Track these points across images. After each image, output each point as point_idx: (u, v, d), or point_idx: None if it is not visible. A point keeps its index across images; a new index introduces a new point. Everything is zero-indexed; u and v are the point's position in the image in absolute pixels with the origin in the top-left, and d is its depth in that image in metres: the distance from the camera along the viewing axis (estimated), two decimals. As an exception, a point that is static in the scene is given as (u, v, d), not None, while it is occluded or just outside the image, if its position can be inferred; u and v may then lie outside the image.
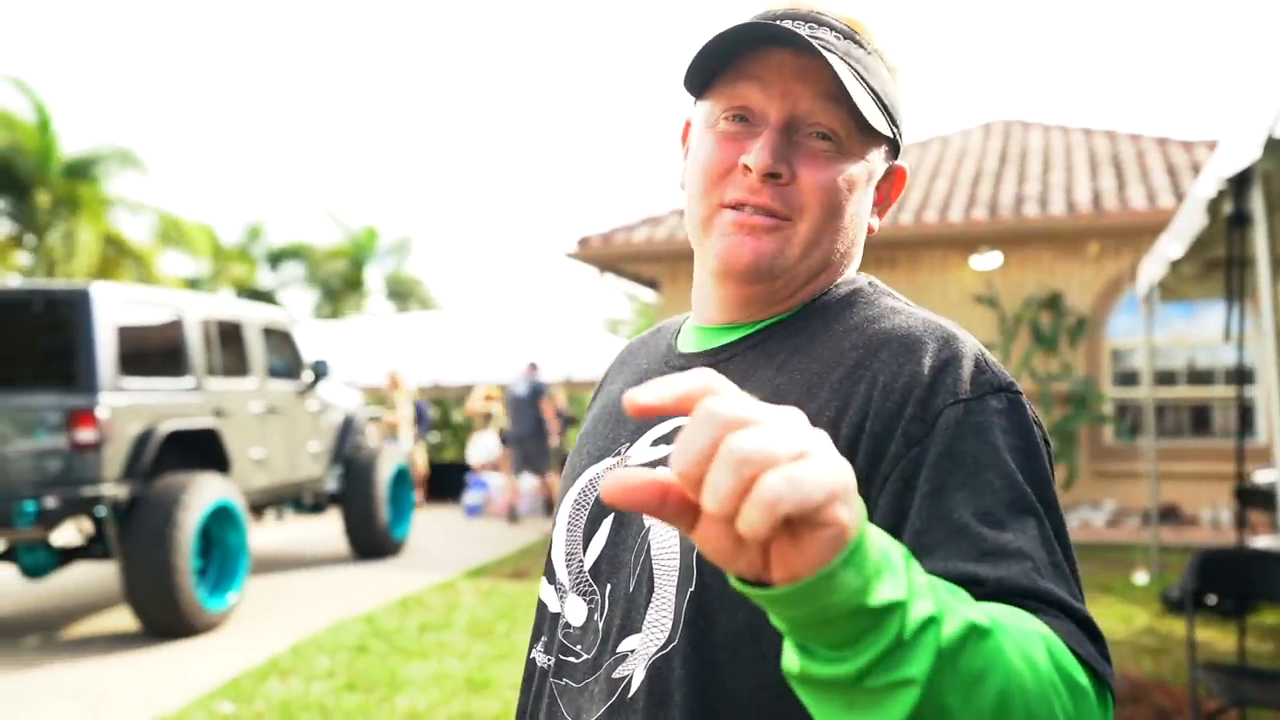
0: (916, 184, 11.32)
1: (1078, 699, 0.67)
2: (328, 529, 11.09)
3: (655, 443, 0.96)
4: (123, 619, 6.74)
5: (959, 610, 0.62)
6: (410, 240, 31.30)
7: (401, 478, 9.63)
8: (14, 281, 21.86)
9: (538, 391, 11.71)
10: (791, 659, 0.61)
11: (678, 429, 0.94)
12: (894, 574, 0.58)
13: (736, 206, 0.92)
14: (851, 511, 0.54)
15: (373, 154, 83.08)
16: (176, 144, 68.60)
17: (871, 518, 0.80)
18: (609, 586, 0.93)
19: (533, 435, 11.65)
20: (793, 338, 0.95)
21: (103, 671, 5.59)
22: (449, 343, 17.08)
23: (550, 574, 1.02)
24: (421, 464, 14.29)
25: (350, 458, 9.15)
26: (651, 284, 12.78)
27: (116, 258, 23.77)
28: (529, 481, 12.57)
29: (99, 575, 8.26)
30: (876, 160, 0.95)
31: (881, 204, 0.99)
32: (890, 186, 1.00)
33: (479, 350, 16.59)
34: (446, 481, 14.71)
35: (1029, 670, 0.63)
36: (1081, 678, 0.68)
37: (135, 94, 72.41)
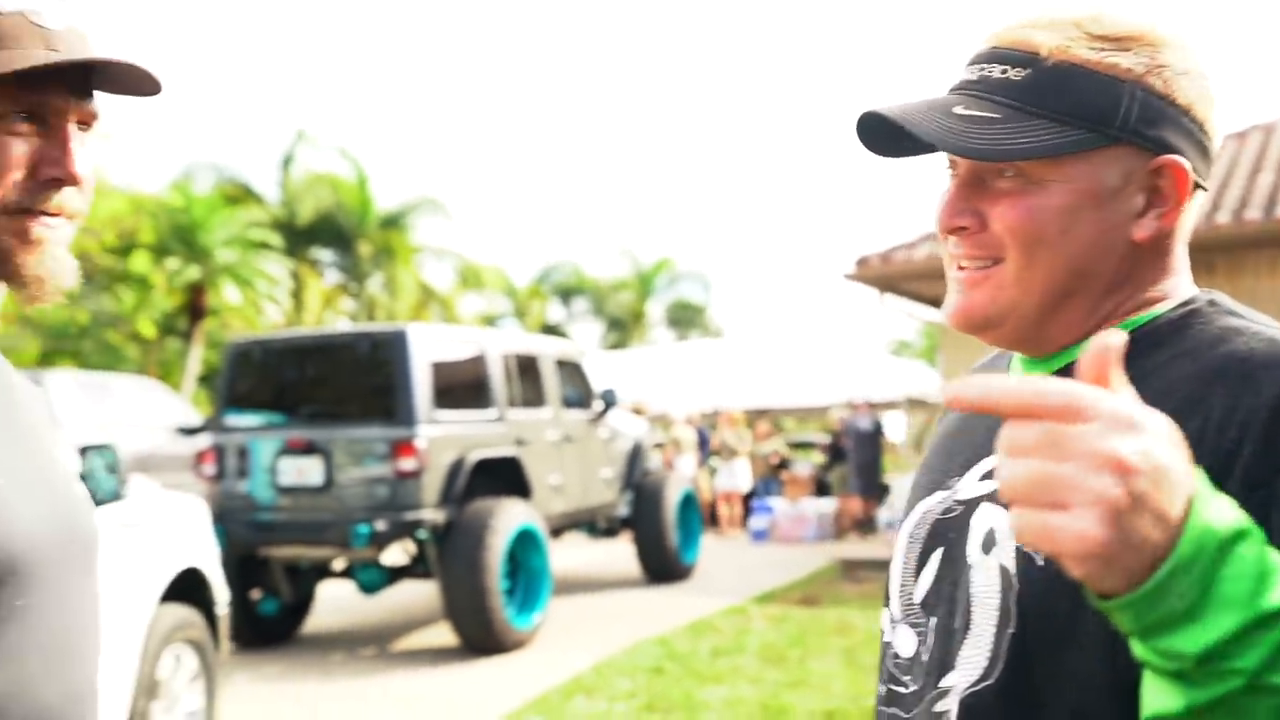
0: (1234, 179, 10.27)
1: None
2: (620, 552, 11.48)
3: (983, 477, 0.94)
4: (443, 634, 7.27)
5: None
6: (702, 272, 32.12)
7: (688, 503, 9.82)
8: (342, 325, 24.40)
9: (879, 427, 13.36)
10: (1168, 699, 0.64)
11: None
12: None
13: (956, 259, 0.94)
14: (1124, 550, 0.59)
15: (649, 182, 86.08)
16: (476, 190, 74.10)
17: None
18: (933, 620, 0.94)
19: (872, 464, 13.03)
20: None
21: (428, 681, 6.06)
22: (729, 369, 17.29)
23: (887, 602, 1.04)
24: (705, 490, 14.50)
25: (639, 483, 9.44)
26: (935, 304, 12.36)
27: (424, 300, 25.94)
28: (822, 507, 12.96)
29: (423, 593, 8.97)
30: (1102, 173, 0.87)
31: (1161, 205, 0.89)
32: (1165, 183, 0.88)
33: (759, 376, 16.68)
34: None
35: None
36: None
37: (437, 145, 78.93)
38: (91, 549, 1.02)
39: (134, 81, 0.98)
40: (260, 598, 7.12)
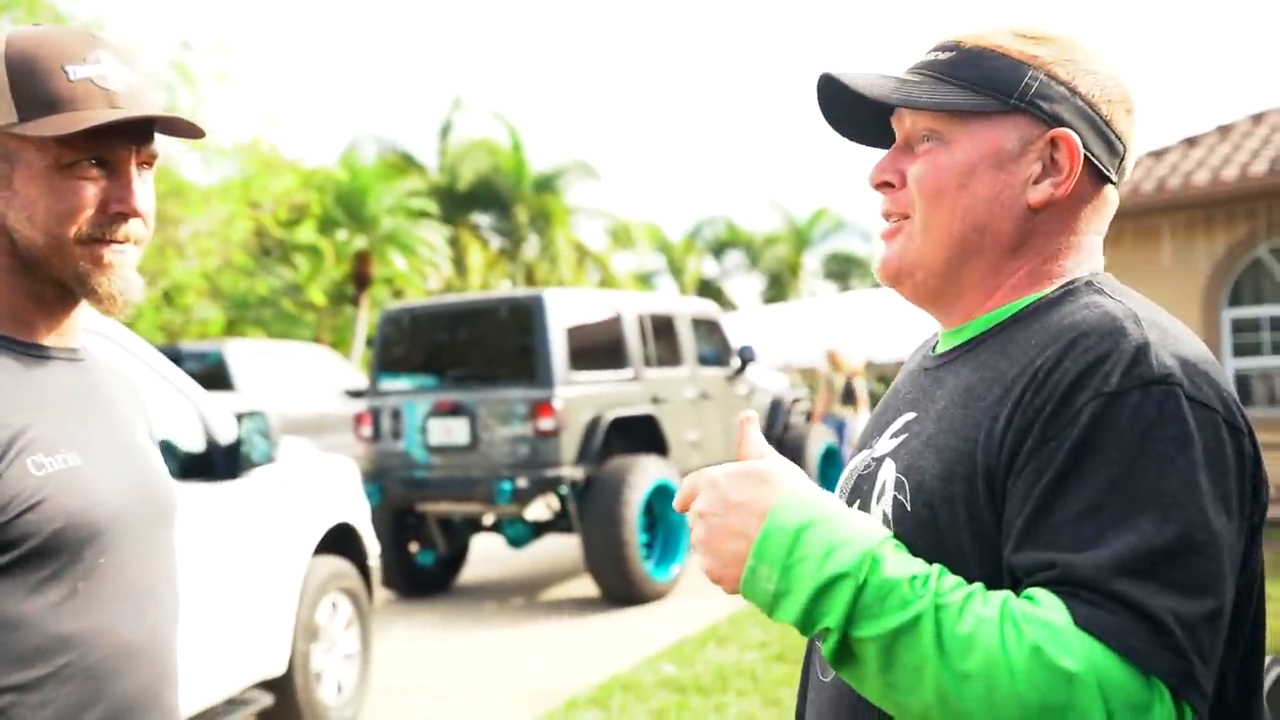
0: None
1: (1057, 685, 0.75)
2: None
3: (893, 435, 1.06)
4: (586, 585, 7.59)
5: (891, 618, 0.80)
6: (862, 225, 31.38)
7: (830, 458, 9.82)
8: (504, 289, 25.22)
9: None
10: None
11: (908, 424, 1.04)
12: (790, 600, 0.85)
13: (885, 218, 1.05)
14: (723, 567, 0.92)
15: (805, 134, 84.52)
16: (625, 148, 74.63)
17: (1008, 509, 0.88)
18: None
19: None
20: (997, 337, 0.99)
21: (573, 630, 6.38)
22: (890, 320, 16.99)
23: None
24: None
25: (780, 439, 9.50)
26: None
27: (579, 261, 26.41)
28: None
29: (566, 546, 9.34)
30: (1002, 137, 0.98)
31: (1055, 174, 0.98)
32: (1060, 156, 0.98)
33: (921, 326, 16.32)
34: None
35: (981, 664, 0.77)
36: (1070, 664, 0.75)
37: (584, 104, 79.69)
38: (167, 514, 1.24)
39: (184, 127, 1.17)
40: (418, 550, 7.61)
